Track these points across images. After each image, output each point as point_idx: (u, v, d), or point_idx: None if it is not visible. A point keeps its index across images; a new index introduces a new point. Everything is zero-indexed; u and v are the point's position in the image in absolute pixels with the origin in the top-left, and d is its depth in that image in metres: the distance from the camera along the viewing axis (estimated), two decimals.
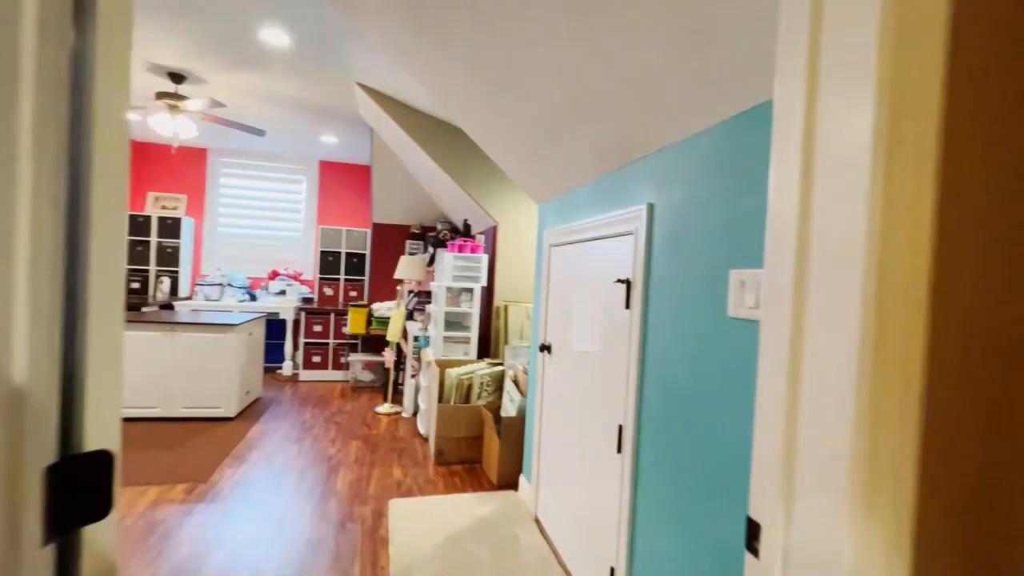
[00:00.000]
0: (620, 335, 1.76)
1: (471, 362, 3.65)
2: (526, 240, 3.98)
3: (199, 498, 2.68)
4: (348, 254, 6.26)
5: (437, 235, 4.84)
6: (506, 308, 3.88)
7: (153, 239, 5.86)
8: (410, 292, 5.15)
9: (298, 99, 4.13)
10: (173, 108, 3.71)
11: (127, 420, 3.81)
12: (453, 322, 3.86)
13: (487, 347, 4.01)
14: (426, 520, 2.54)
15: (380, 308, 5.36)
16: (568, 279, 2.32)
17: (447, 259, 3.78)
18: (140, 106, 3.76)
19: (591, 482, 1.96)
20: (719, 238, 1.30)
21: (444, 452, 3.34)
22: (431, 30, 1.93)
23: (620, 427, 1.72)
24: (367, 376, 5.39)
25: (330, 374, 5.61)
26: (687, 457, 1.38)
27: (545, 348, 2.52)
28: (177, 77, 3.75)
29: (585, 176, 2.16)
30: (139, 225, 5.83)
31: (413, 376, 4.40)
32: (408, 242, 5.67)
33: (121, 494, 2.67)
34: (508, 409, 3.14)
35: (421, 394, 3.99)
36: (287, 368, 5.75)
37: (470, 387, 3.42)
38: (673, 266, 1.49)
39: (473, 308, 3.80)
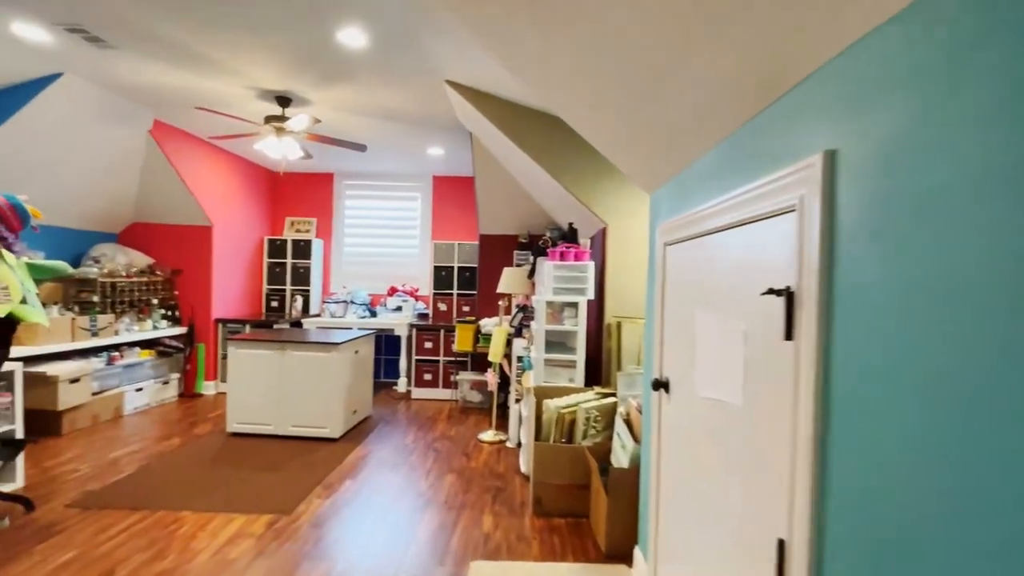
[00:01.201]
0: (777, 382, 1.05)
1: (576, 390, 3.05)
2: (642, 244, 3.28)
3: (276, 535, 2.48)
4: (460, 268, 6.09)
5: (538, 243, 4.34)
6: (619, 326, 3.21)
7: (288, 260, 6.31)
8: (517, 306, 4.72)
9: (394, 109, 3.98)
10: (279, 130, 3.79)
11: (245, 436, 3.93)
12: (555, 342, 3.30)
13: (596, 373, 3.37)
14: None
15: (488, 324, 5.02)
16: (689, 288, 1.63)
17: (546, 269, 3.26)
18: (253, 132, 3.90)
19: None
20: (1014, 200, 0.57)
21: (543, 500, 2.78)
22: None
23: (781, 543, 1.01)
24: (475, 397, 5.07)
25: (440, 392, 5.41)
26: None
27: (660, 385, 1.83)
28: (284, 100, 3.84)
29: (708, 137, 1.47)
30: (277, 248, 6.33)
31: (517, 401, 3.93)
32: (516, 252, 5.27)
33: (210, 520, 2.60)
34: (619, 457, 2.48)
35: (524, 424, 3.49)
36: (402, 385, 5.70)
37: (573, 422, 2.82)
38: (892, 265, 0.77)
39: (578, 326, 3.21)
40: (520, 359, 3.91)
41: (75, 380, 3.92)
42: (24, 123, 3.56)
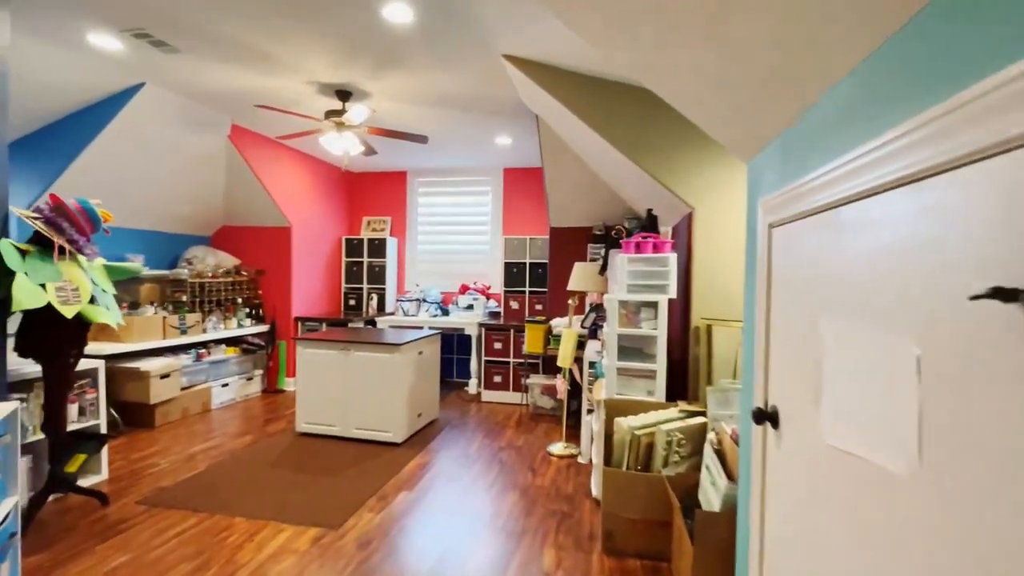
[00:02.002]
0: (1003, 448, 0.58)
1: (655, 406, 2.58)
2: (739, 230, 2.71)
3: (319, 553, 2.31)
4: (532, 264, 5.75)
5: (609, 233, 3.86)
6: (709, 330, 2.68)
7: (364, 259, 6.37)
8: (591, 306, 4.28)
9: (454, 95, 3.73)
10: (339, 125, 3.69)
11: (312, 436, 3.90)
12: (630, 348, 2.84)
13: (680, 386, 2.86)
14: None
15: (559, 325, 4.63)
16: (808, 285, 1.14)
17: (619, 262, 2.80)
18: (315, 129, 3.85)
19: None
20: None
21: (615, 536, 2.35)
22: None
23: None
24: (547, 402, 4.70)
25: (510, 396, 5.12)
26: None
27: (764, 417, 1.35)
28: (344, 94, 3.73)
29: (843, 57, 0.98)
30: (354, 247, 6.41)
31: (589, 412, 3.51)
32: (589, 246, 4.81)
33: (259, 530, 2.49)
34: (708, 495, 1.99)
35: (595, 442, 3.07)
36: (472, 387, 5.49)
37: (651, 446, 2.36)
38: None
39: (658, 329, 2.72)
40: (592, 365, 3.49)
41: (165, 375, 4.14)
42: (115, 135, 3.77)
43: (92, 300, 2.60)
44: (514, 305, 5.80)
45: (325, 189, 6.11)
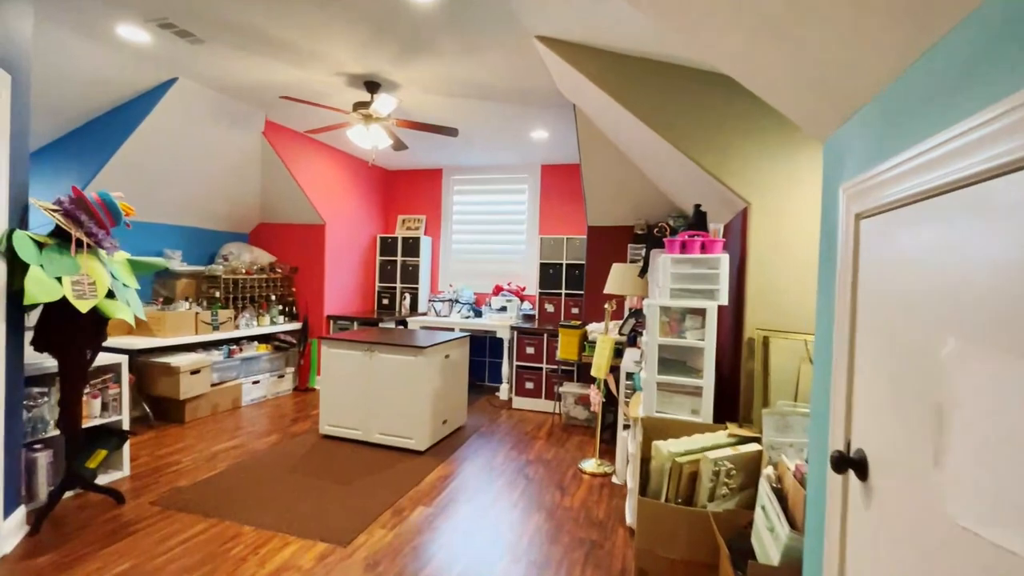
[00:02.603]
0: None
1: (701, 427, 2.26)
2: (803, 227, 2.35)
3: (324, 573, 2.14)
4: (569, 265, 5.47)
5: (652, 232, 3.53)
6: (765, 343, 2.33)
7: (398, 258, 6.27)
8: (630, 310, 3.96)
9: (487, 84, 3.51)
10: (367, 118, 3.55)
11: (335, 438, 3.78)
12: (673, 360, 2.53)
13: (730, 406, 2.52)
14: None
15: (596, 330, 4.33)
16: (924, 295, 0.83)
17: (661, 264, 2.49)
18: (343, 122, 3.73)
19: None
20: None
21: None
22: None
23: None
24: (580, 413, 4.41)
25: (542, 404, 4.85)
26: None
27: (847, 464, 1.04)
28: (372, 86, 3.59)
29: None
30: (388, 246, 6.33)
31: (626, 427, 3.21)
32: (630, 246, 4.48)
33: (266, 542, 2.35)
34: (764, 541, 1.66)
35: (631, 464, 2.77)
36: (503, 392, 5.26)
37: (695, 475, 2.05)
38: None
39: (706, 340, 2.39)
40: (630, 376, 3.18)
41: (195, 371, 4.14)
42: (150, 131, 3.79)
43: (111, 295, 2.55)
44: (549, 308, 5.53)
45: (361, 187, 6.05)
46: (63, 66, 3.24)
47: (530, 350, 4.89)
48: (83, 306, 2.35)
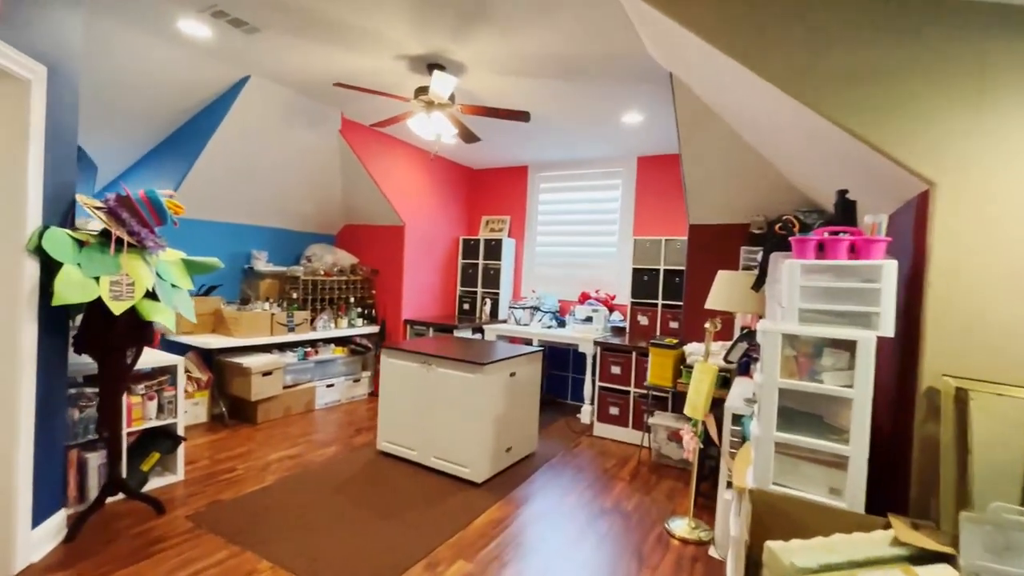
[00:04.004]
0: None
1: (845, 519, 1.49)
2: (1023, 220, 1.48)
3: None
4: (667, 271, 4.69)
5: (773, 229, 2.68)
6: (961, 397, 1.49)
7: (480, 261, 5.93)
8: (742, 330, 3.14)
9: (563, 56, 2.96)
10: (428, 104, 3.19)
11: (391, 456, 3.47)
12: (800, 412, 1.76)
13: (894, 489, 1.68)
14: None
15: (696, 352, 3.55)
16: None
17: (786, 271, 1.74)
18: (405, 112, 3.41)
19: None
20: None
21: None
22: None
23: None
24: (674, 452, 3.64)
25: (628, 434, 4.14)
26: None
27: None
28: (436, 69, 3.22)
29: None
30: (470, 248, 6.02)
31: (729, 486, 2.44)
32: (743, 249, 3.61)
33: None
34: None
35: (732, 552, 2.03)
36: (585, 415, 4.63)
37: None
38: None
39: (856, 387, 1.60)
40: (737, 420, 2.42)
41: (267, 373, 4.11)
42: (230, 133, 3.80)
43: (153, 296, 2.43)
44: (643, 320, 4.80)
45: (443, 186, 5.81)
46: (146, 72, 3.31)
47: (615, 369, 4.21)
48: (117, 307, 2.22)
